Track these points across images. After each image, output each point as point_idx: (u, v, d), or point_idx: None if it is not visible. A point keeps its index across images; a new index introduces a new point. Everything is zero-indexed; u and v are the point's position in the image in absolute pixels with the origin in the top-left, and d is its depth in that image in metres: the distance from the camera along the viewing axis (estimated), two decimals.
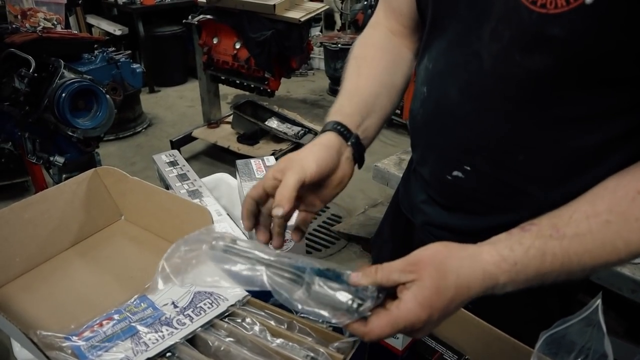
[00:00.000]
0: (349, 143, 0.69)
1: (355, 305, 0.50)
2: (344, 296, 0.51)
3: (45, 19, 2.09)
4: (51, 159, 1.94)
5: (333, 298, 0.51)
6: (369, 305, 0.50)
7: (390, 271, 0.51)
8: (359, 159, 0.70)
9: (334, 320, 0.51)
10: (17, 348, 0.78)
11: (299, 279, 0.53)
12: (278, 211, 0.58)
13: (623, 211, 0.51)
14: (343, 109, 0.72)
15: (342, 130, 0.69)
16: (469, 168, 0.72)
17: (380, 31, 0.83)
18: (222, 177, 1.26)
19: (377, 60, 0.79)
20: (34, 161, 1.96)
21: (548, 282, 0.53)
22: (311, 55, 4.57)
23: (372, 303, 0.50)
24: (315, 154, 0.64)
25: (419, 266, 0.51)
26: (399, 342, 0.68)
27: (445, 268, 0.51)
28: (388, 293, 0.52)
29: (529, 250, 0.51)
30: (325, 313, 0.51)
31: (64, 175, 2.02)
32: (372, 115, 0.74)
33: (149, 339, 0.63)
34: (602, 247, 0.51)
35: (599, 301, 0.52)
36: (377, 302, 0.51)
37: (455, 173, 0.73)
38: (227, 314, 0.67)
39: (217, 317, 0.66)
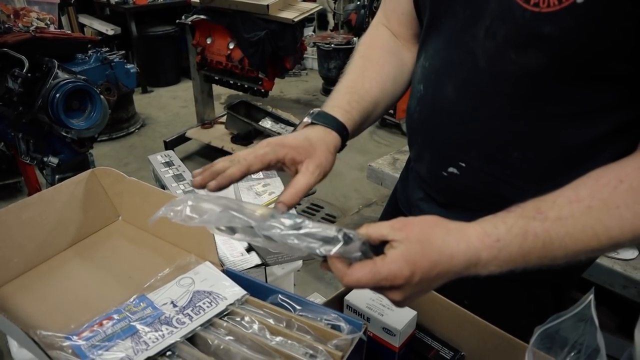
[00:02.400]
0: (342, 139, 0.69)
1: (341, 236, 0.52)
2: (332, 230, 0.53)
3: (38, 18, 2.09)
4: (45, 159, 1.93)
5: (321, 232, 0.53)
6: (356, 244, 0.52)
7: (380, 225, 0.54)
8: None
9: (322, 250, 0.52)
10: (15, 349, 0.78)
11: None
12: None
13: (605, 198, 0.53)
14: (350, 110, 0.72)
15: (344, 135, 0.70)
16: (463, 164, 0.73)
17: (385, 32, 0.84)
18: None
19: (382, 65, 0.79)
20: (28, 162, 1.95)
21: (532, 265, 0.54)
22: (304, 55, 4.57)
23: (359, 243, 0.52)
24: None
25: (408, 226, 0.53)
26: (395, 340, 0.69)
27: (432, 233, 0.53)
28: (376, 252, 0.54)
29: (511, 228, 0.53)
30: (314, 244, 0.53)
31: (57, 176, 2.02)
32: (367, 122, 0.76)
33: (149, 338, 0.63)
34: (582, 231, 0.52)
35: (591, 296, 0.53)
36: (364, 249, 0.53)
37: (450, 169, 0.74)
38: (226, 312, 0.68)
39: (216, 316, 0.67)
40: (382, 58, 0.80)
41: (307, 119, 0.69)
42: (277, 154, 0.61)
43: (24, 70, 1.72)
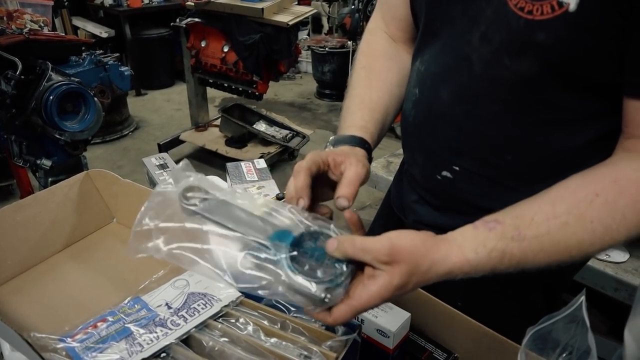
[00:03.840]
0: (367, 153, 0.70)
1: (320, 299, 0.51)
2: (311, 291, 0.51)
3: (31, 20, 2.07)
4: (38, 162, 1.92)
5: (305, 291, 0.52)
6: (340, 291, 0.51)
7: (364, 251, 0.51)
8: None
9: (309, 309, 0.53)
10: (7, 352, 0.77)
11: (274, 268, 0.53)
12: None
13: (581, 213, 0.54)
14: (364, 124, 0.73)
15: (367, 148, 0.70)
16: (457, 168, 0.74)
17: (382, 37, 0.85)
18: (212, 180, 1.26)
19: (385, 73, 0.80)
20: (21, 164, 1.94)
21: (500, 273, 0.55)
22: (299, 59, 4.58)
23: (343, 290, 0.51)
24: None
25: (394, 259, 0.50)
26: (389, 341, 0.70)
27: (416, 268, 0.51)
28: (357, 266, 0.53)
29: (491, 252, 0.53)
30: (301, 303, 0.52)
31: (50, 179, 2.01)
32: (383, 130, 0.77)
33: (144, 340, 0.63)
34: (556, 246, 0.54)
35: (582, 298, 0.54)
36: (347, 281, 0.52)
37: (444, 173, 0.75)
38: (220, 314, 0.68)
39: (210, 317, 0.67)
40: (384, 65, 0.81)
41: (329, 147, 0.69)
42: (322, 157, 0.61)
43: (17, 73, 1.71)
